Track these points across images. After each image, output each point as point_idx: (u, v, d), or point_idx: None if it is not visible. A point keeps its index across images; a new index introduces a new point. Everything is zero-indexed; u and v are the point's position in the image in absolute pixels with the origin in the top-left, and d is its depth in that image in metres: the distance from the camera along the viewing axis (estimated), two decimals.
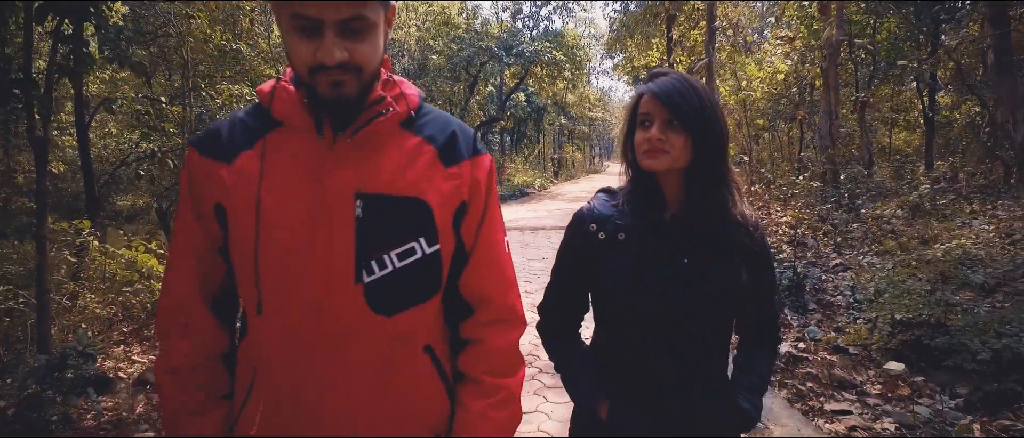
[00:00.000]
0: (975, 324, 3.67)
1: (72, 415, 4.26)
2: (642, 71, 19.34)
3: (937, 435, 2.89)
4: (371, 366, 1.05)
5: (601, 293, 1.36)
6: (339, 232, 1.01)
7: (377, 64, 1.02)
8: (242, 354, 1.13)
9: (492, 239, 1.15)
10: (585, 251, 1.35)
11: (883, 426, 3.08)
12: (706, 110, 1.24)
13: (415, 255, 1.04)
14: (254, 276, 1.02)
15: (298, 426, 1.06)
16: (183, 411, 1.10)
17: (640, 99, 1.28)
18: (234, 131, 1.07)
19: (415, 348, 1.09)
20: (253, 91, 11.07)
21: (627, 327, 1.33)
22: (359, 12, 0.93)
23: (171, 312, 1.10)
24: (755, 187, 12.89)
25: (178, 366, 1.09)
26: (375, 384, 1.06)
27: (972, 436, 2.84)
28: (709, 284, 1.27)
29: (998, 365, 3.58)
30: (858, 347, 4.14)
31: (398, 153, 1.06)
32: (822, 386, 3.65)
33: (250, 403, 1.08)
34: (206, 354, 1.11)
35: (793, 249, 7.60)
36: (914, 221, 6.87)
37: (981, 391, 3.42)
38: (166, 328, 1.11)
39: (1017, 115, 5.88)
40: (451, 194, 1.08)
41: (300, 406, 1.05)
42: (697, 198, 1.28)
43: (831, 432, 3.06)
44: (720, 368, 1.36)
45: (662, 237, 1.30)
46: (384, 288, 1.03)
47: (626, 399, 1.34)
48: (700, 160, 1.26)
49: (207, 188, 1.05)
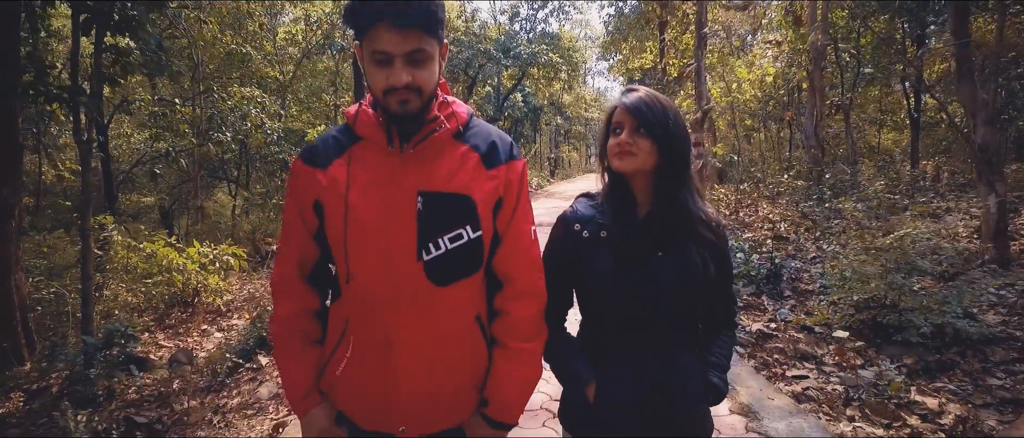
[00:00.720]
0: (922, 304, 4.16)
1: (116, 388, 4.70)
2: (636, 72, 19.78)
3: (875, 393, 3.38)
4: (430, 325, 1.31)
5: (585, 289, 1.49)
6: (405, 222, 1.28)
7: (434, 86, 1.29)
8: (334, 312, 1.43)
9: (521, 228, 1.39)
10: (571, 250, 1.48)
11: (832, 387, 3.58)
12: (669, 120, 1.39)
13: (462, 239, 1.30)
14: (344, 254, 1.30)
15: (374, 369, 1.34)
16: (288, 351, 1.42)
17: (614, 111, 1.46)
18: (327, 145, 1.36)
19: (468, 316, 1.36)
20: (263, 93, 11.48)
21: (609, 317, 1.46)
22: (419, 46, 1.21)
23: (279, 281, 1.44)
24: (744, 185, 13.38)
25: (283, 317, 1.42)
26: (433, 340, 1.32)
27: (903, 392, 3.33)
28: (680, 275, 1.40)
29: (940, 339, 4.09)
30: (822, 326, 4.63)
31: (450, 159, 1.32)
32: (787, 357, 4.15)
33: (340, 348, 1.38)
34: (303, 310, 1.43)
35: (774, 243, 8.10)
36: (874, 215, 7.41)
37: (924, 361, 3.92)
38: (277, 292, 1.45)
39: (976, 118, 6.38)
40: (491, 192, 1.33)
41: (376, 353, 1.33)
42: (665, 197, 1.42)
43: (788, 391, 3.55)
44: (692, 349, 1.50)
45: (637, 234, 1.43)
46: (439, 265, 1.29)
47: (610, 380, 1.46)
48: (665, 163, 1.40)
49: (308, 189, 1.34)
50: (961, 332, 4.07)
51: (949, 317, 4.06)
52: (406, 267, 1.28)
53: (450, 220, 1.29)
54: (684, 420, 1.45)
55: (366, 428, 1.39)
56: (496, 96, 24.44)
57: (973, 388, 3.56)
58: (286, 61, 14.54)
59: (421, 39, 1.20)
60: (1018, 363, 3.81)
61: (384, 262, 1.28)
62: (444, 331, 1.33)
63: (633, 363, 1.43)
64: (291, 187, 1.39)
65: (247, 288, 8.62)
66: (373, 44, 1.21)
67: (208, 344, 6.15)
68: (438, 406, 1.37)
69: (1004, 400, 3.36)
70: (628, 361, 1.43)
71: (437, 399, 1.36)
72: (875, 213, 7.42)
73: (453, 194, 1.29)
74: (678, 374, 1.43)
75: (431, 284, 1.29)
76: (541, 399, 3.50)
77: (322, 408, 1.41)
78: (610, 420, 1.45)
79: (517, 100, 25.82)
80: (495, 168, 1.33)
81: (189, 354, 5.56)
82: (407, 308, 1.30)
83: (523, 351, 1.39)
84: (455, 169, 1.30)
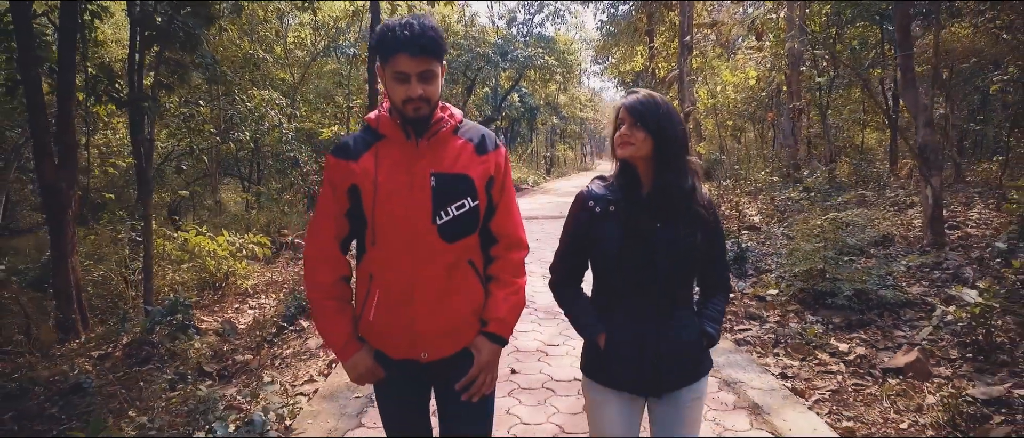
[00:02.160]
0: (848, 275, 5.07)
1: (176, 350, 5.54)
2: (629, 75, 20.69)
3: (799, 339, 4.28)
4: (442, 273, 1.64)
5: (598, 255, 1.75)
6: (423, 196, 1.61)
7: (438, 97, 1.63)
8: (361, 270, 1.74)
9: (508, 198, 1.76)
10: (586, 222, 1.74)
11: (767, 336, 4.49)
12: (661, 116, 1.65)
13: (465, 208, 1.64)
14: (372, 223, 1.63)
15: (399, 310, 1.66)
16: (328, 310, 1.71)
17: (619, 110, 1.72)
18: (356, 143, 1.69)
19: (464, 261, 1.69)
20: (280, 96, 12.26)
21: (617, 277, 1.71)
22: (428, 67, 1.54)
23: (318, 252, 1.72)
24: (726, 182, 14.27)
25: (323, 283, 1.71)
26: (444, 284, 1.65)
27: (820, 338, 4.23)
28: (676, 243, 1.66)
29: (863, 302, 5.00)
30: (772, 296, 5.53)
31: (452, 149, 1.66)
32: (738, 318, 5.05)
33: (370, 296, 1.69)
34: (337, 276, 1.72)
35: (748, 232, 9.02)
36: (815, 202, 8.42)
37: (848, 319, 4.82)
38: (313, 260, 1.73)
39: (918, 121, 7.29)
40: (484, 172, 1.67)
41: (401, 297, 1.65)
42: (661, 179, 1.67)
43: (732, 339, 4.46)
44: (687, 304, 1.76)
45: (641, 209, 1.68)
46: (448, 227, 1.63)
47: (617, 330, 1.72)
48: (660, 150, 1.66)
49: (343, 177, 1.65)
50: (881, 297, 4.98)
51: (870, 285, 4.97)
52: (424, 229, 1.62)
53: (456, 193, 1.64)
54: (684, 359, 1.71)
55: (396, 357, 1.72)
56: (494, 97, 25.29)
57: (881, 337, 4.46)
58: (294, 64, 15.37)
59: (430, 63, 1.55)
60: (922, 320, 4.71)
61: (407, 226, 1.62)
62: (450, 277, 1.66)
63: (637, 316, 1.69)
64: (327, 177, 1.71)
65: (267, 274, 9.44)
66: (395, 66, 1.55)
67: (244, 319, 7.00)
68: (449, 334, 1.70)
69: (900, 344, 4.26)
70: (632, 314, 1.70)
71: (448, 329, 1.69)
72: (814, 201, 8.40)
73: (457, 174, 1.65)
74: (674, 324, 1.69)
75: (443, 242, 1.63)
76: (542, 378, 4.38)
77: (363, 352, 1.72)
78: (619, 364, 1.72)
79: (514, 100, 26.69)
80: (485, 155, 1.69)
81: (232, 325, 6.43)
82: (425, 260, 1.63)
83: (513, 283, 1.76)
84: (457, 156, 1.66)
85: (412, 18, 1.55)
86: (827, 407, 3.31)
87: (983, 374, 3.61)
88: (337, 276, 1.71)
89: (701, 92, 15.87)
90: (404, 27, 1.51)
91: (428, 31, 1.52)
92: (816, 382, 3.67)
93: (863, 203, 9.90)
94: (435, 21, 1.59)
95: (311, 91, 15.70)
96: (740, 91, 15.51)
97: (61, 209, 6.27)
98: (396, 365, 1.72)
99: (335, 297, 1.71)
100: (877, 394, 3.43)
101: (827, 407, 3.31)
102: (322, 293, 1.70)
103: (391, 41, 1.52)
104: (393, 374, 1.74)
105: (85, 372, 5.36)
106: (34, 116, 6.08)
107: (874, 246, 6.97)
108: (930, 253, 6.57)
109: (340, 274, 1.72)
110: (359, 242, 1.73)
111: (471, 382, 1.70)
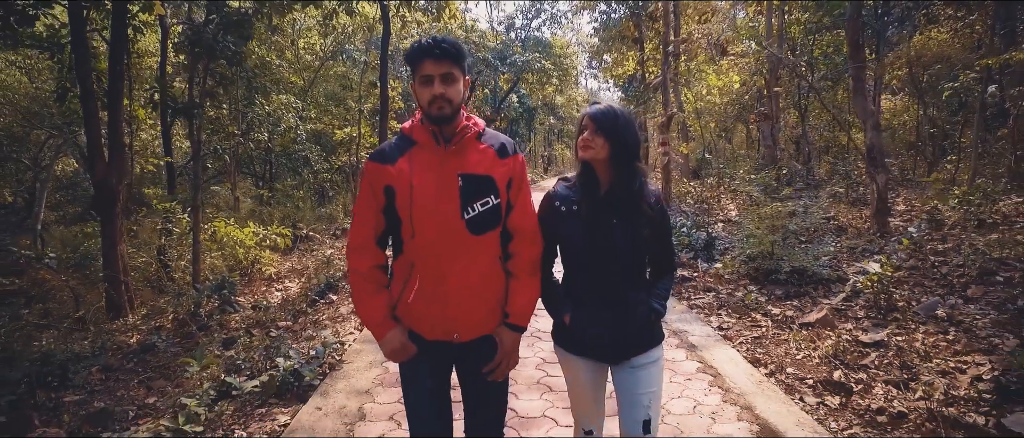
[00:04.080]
0: (790, 255, 6.07)
1: (223, 321, 6.52)
2: (621, 79, 21.71)
3: (740, 304, 5.29)
4: (469, 262, 1.85)
5: (565, 247, 1.98)
6: (452, 194, 1.82)
7: (459, 101, 1.83)
8: (400, 261, 1.92)
9: (525, 198, 1.93)
10: (553, 219, 1.96)
11: (715, 302, 5.49)
12: (619, 125, 1.86)
13: (489, 205, 1.84)
14: (409, 218, 1.83)
15: (435, 295, 1.86)
16: (366, 293, 1.92)
17: (584, 117, 1.92)
18: (392, 148, 1.89)
19: (494, 257, 1.91)
20: (296, 100, 13.20)
21: (580, 266, 1.96)
22: (449, 70, 1.78)
23: (359, 244, 1.92)
24: (710, 180, 15.26)
25: (362, 269, 1.91)
26: (472, 272, 1.85)
27: (757, 303, 5.24)
28: (630, 235, 1.89)
29: (799, 277, 5.99)
30: (728, 273, 6.53)
31: (476, 153, 1.88)
32: (697, 291, 6.05)
33: (409, 283, 1.89)
34: (374, 263, 1.92)
35: (722, 224, 10.02)
36: (768, 194, 9.52)
37: (787, 291, 5.82)
38: (354, 249, 1.93)
39: (866, 125, 8.28)
40: (504, 174, 1.88)
41: (435, 285, 1.85)
42: (617, 180, 1.89)
43: (686, 304, 5.46)
44: (640, 287, 1.99)
45: (600, 206, 1.89)
46: (475, 221, 1.83)
47: (582, 310, 1.97)
48: (615, 155, 1.87)
49: (379, 179, 1.85)
50: (817, 274, 5.97)
51: (806, 264, 5.97)
52: (454, 224, 1.80)
53: (480, 192, 1.83)
54: (637, 332, 1.97)
55: (430, 338, 1.91)
56: (493, 98, 26.26)
57: (810, 304, 5.46)
58: (304, 68, 16.30)
59: (450, 67, 1.77)
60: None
61: (440, 221, 1.80)
62: (478, 266, 1.86)
63: (600, 299, 1.95)
64: (366, 179, 1.89)
65: (287, 263, 10.40)
66: (421, 71, 1.78)
67: (273, 299, 7.98)
68: (478, 320, 1.90)
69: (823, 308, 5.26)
70: (597, 297, 1.95)
71: (477, 315, 1.89)
72: (767, 194, 9.48)
73: (481, 176, 1.84)
74: (630, 304, 1.94)
75: (470, 234, 1.82)
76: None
77: (397, 329, 1.90)
78: (586, 337, 1.98)
79: (513, 102, 27.67)
80: (506, 159, 1.90)
81: (267, 303, 7.42)
82: (455, 251, 1.81)
83: (530, 280, 1.97)
84: (481, 159, 1.87)
85: (434, 36, 1.85)
86: (746, 347, 4.31)
87: (877, 327, 4.61)
88: (374, 264, 1.92)
89: (689, 95, 16.80)
90: (428, 40, 1.79)
91: (447, 40, 1.80)
92: (744, 332, 4.67)
93: (836, 198, 10.92)
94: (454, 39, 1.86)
95: (320, 94, 16.63)
96: (726, 94, 16.49)
97: (111, 203, 7.19)
98: (429, 345, 1.92)
99: (373, 281, 1.92)
100: (788, 340, 4.43)
101: (746, 347, 4.31)
102: (361, 278, 1.92)
103: (417, 51, 1.79)
104: (423, 353, 1.93)
105: (148, 339, 6.35)
106: (89, 120, 7.00)
107: (830, 234, 7.98)
108: (874, 239, 7.57)
109: (376, 262, 1.92)
110: (397, 236, 1.92)
111: (495, 367, 1.93)
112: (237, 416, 3.35)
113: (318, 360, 3.91)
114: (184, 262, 9.20)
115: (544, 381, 3.82)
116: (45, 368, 4.60)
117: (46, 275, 8.73)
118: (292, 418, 3.26)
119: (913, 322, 4.56)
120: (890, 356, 4.02)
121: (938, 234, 7.19)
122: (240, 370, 3.89)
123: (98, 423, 3.92)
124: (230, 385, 3.60)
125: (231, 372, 3.84)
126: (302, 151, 14.57)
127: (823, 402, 3.35)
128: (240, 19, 6.25)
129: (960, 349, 3.99)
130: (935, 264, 6.02)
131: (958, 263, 5.82)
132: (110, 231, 7.32)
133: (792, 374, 3.77)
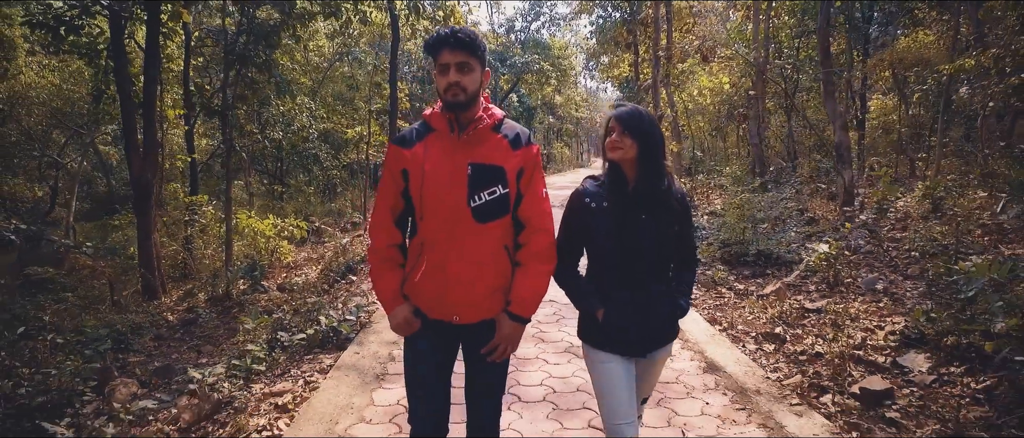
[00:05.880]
0: (756, 239, 6.87)
1: (253, 299, 7.30)
2: (618, 79, 22.52)
3: (709, 281, 6.09)
4: (473, 248, 1.93)
5: (593, 243, 2.04)
6: (461, 181, 1.90)
7: (475, 89, 1.88)
8: (414, 241, 2.03)
9: (536, 188, 1.99)
10: (582, 216, 2.02)
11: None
12: (645, 125, 1.95)
13: (496, 194, 1.91)
14: (420, 202, 1.94)
15: (436, 276, 1.96)
16: (382, 270, 2.04)
17: (610, 119, 2.01)
18: (412, 133, 2.00)
19: (498, 245, 1.97)
20: (311, 101, 13.97)
21: (608, 261, 2.02)
22: (465, 59, 1.84)
23: (378, 223, 2.04)
24: (699, 177, 16.05)
25: (379, 248, 2.03)
26: (474, 258, 1.93)
27: (723, 280, 6.04)
28: (657, 231, 1.96)
29: (765, 259, 6.80)
30: (704, 257, 7.34)
31: (489, 143, 1.95)
32: None
33: (418, 263, 1.99)
34: (392, 243, 2.04)
35: (708, 216, 10.83)
36: (740, 185, 10.38)
37: (753, 271, 6.62)
38: (373, 227, 2.06)
39: (835, 125, 9.07)
40: (516, 165, 1.94)
41: (439, 267, 1.95)
42: (644, 178, 1.96)
43: None
44: (665, 282, 2.06)
45: (628, 204, 1.97)
46: (481, 209, 1.91)
47: (608, 304, 2.01)
48: (643, 154, 1.95)
49: (397, 161, 1.97)
50: (781, 256, 6.78)
51: (771, 248, 6.78)
52: (461, 210, 1.89)
53: (488, 181, 1.90)
54: (660, 327, 2.03)
55: (432, 317, 1.99)
56: (494, 98, 26.85)
57: (772, 280, 6.26)
58: (313, 70, 17.07)
59: (466, 56, 1.84)
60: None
61: (447, 207, 1.89)
62: (481, 252, 1.93)
63: (627, 293, 1.98)
64: (387, 162, 2.02)
65: (302, 253, 11.16)
66: (440, 59, 1.86)
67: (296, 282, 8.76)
68: (475, 304, 1.96)
69: None
70: (624, 292, 1.98)
71: (474, 299, 1.95)
72: (738, 185, 10.32)
73: (491, 165, 1.92)
74: (653, 297, 1.99)
75: (476, 222, 1.90)
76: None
77: (405, 305, 2.01)
78: (613, 332, 2.00)
79: (513, 101, 28.45)
80: (518, 149, 1.95)
81: (290, 286, 8.22)
82: (460, 237, 1.90)
83: (538, 270, 2.00)
84: (493, 149, 1.94)
85: (453, 26, 1.92)
86: (707, 312, 5.12)
87: (823, 298, 5.41)
88: (390, 242, 2.02)
89: (680, 96, 17.55)
90: (446, 30, 1.86)
91: (464, 30, 1.86)
92: (709, 302, 5.48)
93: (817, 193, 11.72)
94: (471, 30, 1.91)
95: (329, 93, 17.39)
96: (716, 95, 17.27)
97: (146, 196, 7.93)
98: (432, 323, 2.00)
99: (388, 259, 2.03)
100: (744, 307, 5.24)
101: (707, 312, 5.12)
102: (378, 255, 2.03)
103: (437, 40, 1.86)
104: (427, 330, 2.01)
105: (188, 316, 7.13)
106: (127, 120, 7.75)
107: (799, 223, 8.78)
108: (839, 228, 8.37)
109: (393, 241, 2.02)
110: (413, 217, 2.02)
111: (493, 349, 1.99)
112: (290, 361, 4.16)
113: (352, 320, 4.71)
114: (210, 251, 9.97)
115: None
116: (114, 334, 5.41)
117: (86, 262, 9.53)
118: (335, 361, 4.06)
119: (854, 294, 5.36)
120: (826, 318, 4.82)
121: (899, 224, 7.99)
122: (286, 329, 4.69)
123: (163, 376, 4.73)
124: (278, 341, 4.40)
125: (278, 330, 4.64)
126: (313, 149, 15.33)
127: (761, 348, 4.16)
128: (269, 30, 7.04)
129: (885, 312, 4.78)
130: (888, 249, 6.83)
131: (907, 248, 6.62)
132: (145, 222, 8.03)
133: (741, 330, 4.57)
